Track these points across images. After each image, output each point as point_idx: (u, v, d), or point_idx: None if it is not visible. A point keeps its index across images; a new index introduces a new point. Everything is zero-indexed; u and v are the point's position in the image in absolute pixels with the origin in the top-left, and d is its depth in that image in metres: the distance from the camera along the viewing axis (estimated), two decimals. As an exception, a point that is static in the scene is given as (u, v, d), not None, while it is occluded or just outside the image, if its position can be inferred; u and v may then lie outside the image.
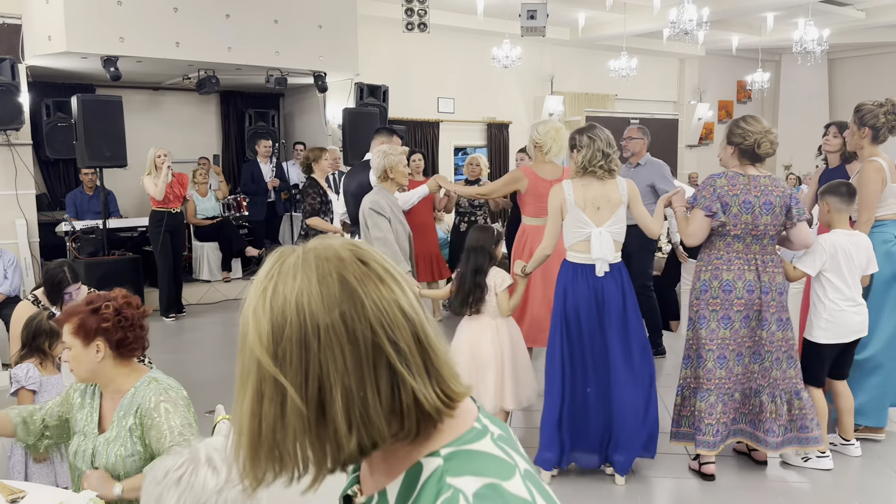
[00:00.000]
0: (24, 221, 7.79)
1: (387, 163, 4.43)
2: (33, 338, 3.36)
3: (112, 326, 2.32)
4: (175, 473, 1.43)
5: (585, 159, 3.62)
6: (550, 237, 3.73)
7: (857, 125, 4.21)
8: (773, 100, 16.41)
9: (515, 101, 12.90)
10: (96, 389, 2.45)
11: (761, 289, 3.59)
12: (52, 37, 7.24)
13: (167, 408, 2.28)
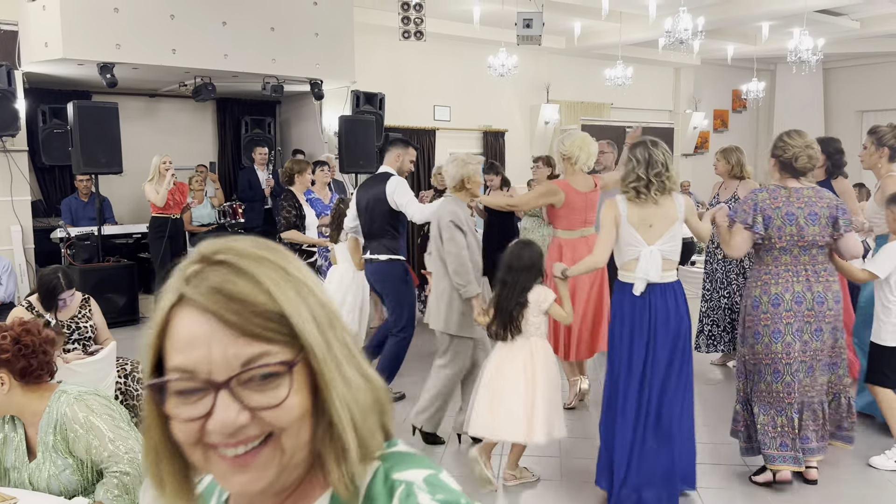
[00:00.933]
0: (19, 227, 7.77)
1: (465, 172, 4.22)
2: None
3: (12, 356, 2.29)
4: None
5: (621, 178, 3.61)
6: (605, 249, 3.59)
7: (876, 145, 4.49)
8: (767, 109, 16.47)
9: (511, 109, 12.93)
10: (16, 420, 2.42)
11: (814, 299, 3.62)
12: (49, 43, 7.24)
13: (84, 416, 2.27)
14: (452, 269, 4.09)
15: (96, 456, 2.21)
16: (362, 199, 5.13)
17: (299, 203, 6.02)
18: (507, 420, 3.60)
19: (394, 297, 5.05)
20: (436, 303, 4.25)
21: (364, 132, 9.31)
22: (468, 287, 4.08)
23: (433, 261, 4.31)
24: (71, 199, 8.41)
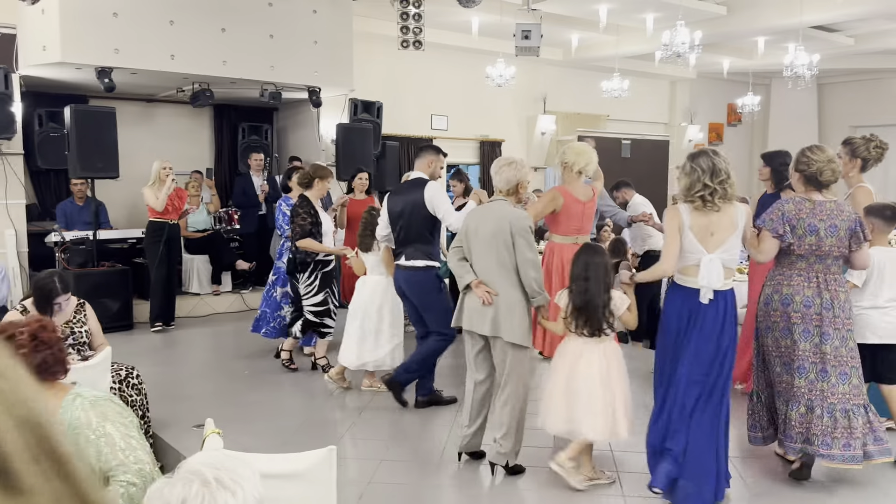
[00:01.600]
0: (13, 231, 7.73)
1: (521, 176, 4.12)
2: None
3: (30, 352, 2.28)
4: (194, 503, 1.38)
5: (685, 187, 3.64)
6: (673, 257, 3.63)
7: (849, 156, 4.64)
8: (762, 123, 16.57)
9: (508, 119, 12.97)
10: None
11: (822, 305, 3.79)
12: (47, 47, 7.23)
13: (97, 422, 2.25)
14: (533, 277, 3.87)
15: (105, 463, 2.19)
16: (396, 205, 5.03)
17: (315, 210, 5.82)
18: (587, 418, 3.67)
19: (431, 307, 4.96)
20: (506, 314, 3.87)
21: (361, 140, 9.32)
22: (544, 294, 3.94)
23: (489, 269, 3.95)
24: (66, 204, 8.37)
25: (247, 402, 5.48)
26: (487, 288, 3.91)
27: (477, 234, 4.00)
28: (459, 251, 4.10)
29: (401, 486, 3.98)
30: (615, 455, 4.33)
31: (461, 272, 4.02)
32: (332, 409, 5.31)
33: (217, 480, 1.41)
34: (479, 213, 4.14)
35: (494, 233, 3.93)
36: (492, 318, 3.90)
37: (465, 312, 4.05)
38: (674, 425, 3.59)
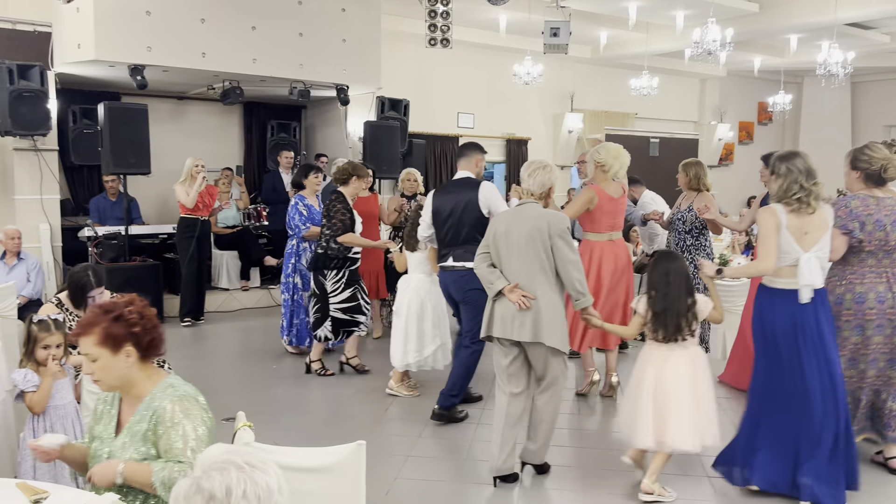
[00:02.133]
0: (47, 226, 7.89)
1: (553, 179, 4.05)
2: (25, 344, 3.42)
3: (142, 330, 2.34)
4: (239, 489, 1.38)
5: (782, 189, 3.66)
6: (771, 257, 3.63)
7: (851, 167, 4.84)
8: (794, 122, 16.33)
9: (535, 117, 12.93)
10: (115, 396, 2.45)
11: (893, 299, 3.91)
12: (82, 45, 7.36)
13: (181, 417, 2.27)
14: (576, 278, 3.77)
15: (172, 458, 2.22)
16: (446, 205, 4.88)
17: (350, 205, 5.77)
18: (678, 428, 3.59)
19: (475, 306, 4.71)
20: (548, 318, 3.75)
21: (388, 138, 9.35)
22: (587, 295, 3.82)
23: (523, 273, 3.80)
24: (99, 199, 8.52)
25: (275, 397, 5.54)
26: (523, 292, 3.75)
27: (508, 238, 3.85)
28: (487, 257, 3.93)
29: (428, 483, 4.00)
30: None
31: (492, 278, 3.85)
32: (359, 404, 5.34)
33: (248, 464, 1.43)
34: (508, 217, 3.99)
35: (530, 235, 3.79)
36: (532, 323, 3.75)
37: (496, 321, 3.86)
38: (813, 437, 3.59)
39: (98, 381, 2.34)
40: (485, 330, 3.95)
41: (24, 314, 5.83)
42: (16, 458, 3.73)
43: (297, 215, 6.32)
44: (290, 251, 6.52)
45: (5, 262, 6.48)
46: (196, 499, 1.39)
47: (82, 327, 2.31)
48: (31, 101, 7.27)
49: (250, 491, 1.40)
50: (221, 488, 1.39)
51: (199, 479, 1.41)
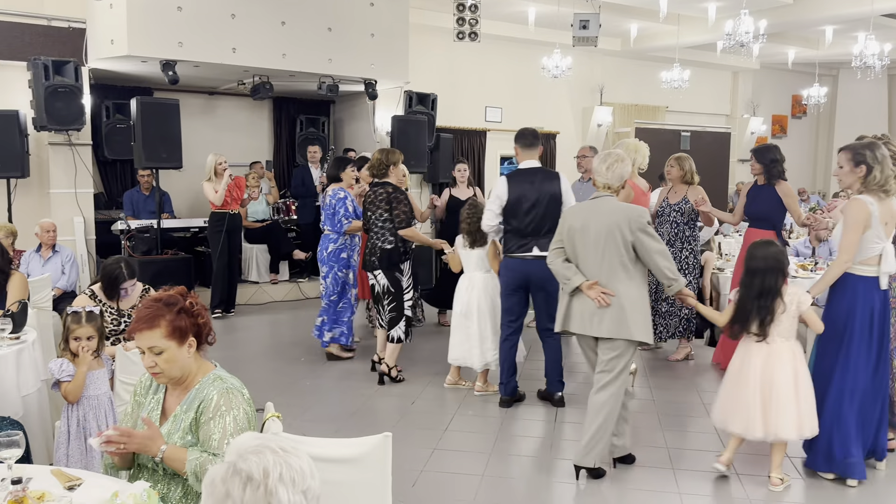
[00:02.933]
0: (81, 219, 8.03)
1: (630, 170, 4.06)
2: (62, 335, 3.50)
3: (204, 322, 2.41)
4: (276, 471, 1.40)
5: (883, 177, 3.74)
6: (853, 249, 3.73)
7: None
8: (829, 115, 16.04)
9: (564, 111, 12.86)
10: (160, 386, 2.49)
11: None
12: (115, 40, 7.47)
13: (224, 410, 2.30)
14: (665, 266, 3.74)
15: (208, 448, 2.25)
16: (529, 195, 4.82)
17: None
18: (787, 420, 3.67)
19: (556, 295, 4.69)
20: (631, 312, 3.72)
21: (416, 132, 9.36)
22: (680, 279, 3.80)
23: (602, 269, 3.78)
24: (132, 193, 8.66)
25: (303, 389, 5.59)
26: (602, 289, 3.74)
27: (585, 233, 3.80)
28: (562, 252, 3.91)
29: (454, 476, 4.01)
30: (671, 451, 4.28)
31: (569, 274, 3.82)
32: (386, 397, 5.37)
33: (281, 448, 1.45)
34: (582, 211, 3.91)
35: (609, 231, 3.74)
36: (612, 318, 3.73)
37: (574, 317, 3.86)
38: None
39: (159, 373, 2.35)
40: (560, 325, 3.96)
41: (58, 306, 5.96)
42: (51, 446, 3.81)
43: (342, 209, 6.12)
44: (344, 246, 6.20)
45: (41, 254, 6.60)
46: (234, 481, 1.40)
47: (148, 321, 2.32)
48: (65, 97, 7.40)
49: (286, 474, 1.41)
50: (259, 470, 1.40)
51: (235, 462, 1.42)
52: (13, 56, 7.74)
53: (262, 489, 1.39)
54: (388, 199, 5.50)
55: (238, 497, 1.39)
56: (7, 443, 2.23)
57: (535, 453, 4.33)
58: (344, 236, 6.19)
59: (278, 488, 1.40)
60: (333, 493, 2.26)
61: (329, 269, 6.20)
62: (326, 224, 6.24)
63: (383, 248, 5.51)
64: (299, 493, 1.42)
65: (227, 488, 1.40)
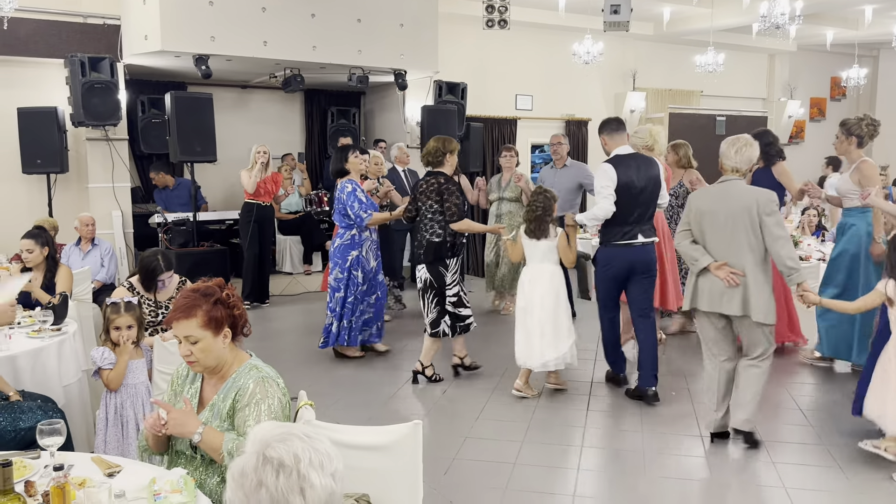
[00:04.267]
0: (119, 213, 8.19)
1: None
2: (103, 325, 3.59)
3: (240, 313, 2.47)
4: (306, 456, 1.42)
5: None
6: None
7: (846, 135, 5.21)
8: (869, 97, 15.62)
9: (595, 97, 12.72)
10: (197, 375, 2.54)
11: None
12: (149, 36, 7.58)
13: (259, 398, 2.34)
14: (787, 255, 3.85)
15: (243, 434, 2.29)
16: (637, 182, 4.78)
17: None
18: None
19: (654, 280, 5.03)
20: (755, 293, 3.87)
21: (446, 122, 9.34)
22: (800, 269, 3.89)
23: (730, 250, 3.90)
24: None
25: (335, 378, 5.64)
26: (732, 269, 3.90)
27: (714, 216, 3.97)
28: (689, 234, 4.07)
29: (486, 464, 4.02)
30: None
31: (697, 255, 4.00)
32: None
33: (305, 434, 1.47)
34: (710, 195, 4.06)
35: (738, 213, 3.90)
36: (741, 298, 3.90)
37: (702, 295, 4.01)
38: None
39: (195, 362, 2.41)
40: (689, 302, 4.11)
41: (98, 298, 6.09)
42: (92, 435, 3.92)
43: (356, 202, 5.71)
44: (352, 242, 5.85)
45: (80, 247, 6.75)
46: (266, 469, 1.42)
47: (184, 310, 2.38)
48: (101, 93, 7.53)
49: (315, 458, 1.44)
50: (290, 456, 1.42)
51: (263, 451, 1.44)
52: (51, 54, 7.90)
53: (296, 474, 1.41)
54: (438, 190, 5.22)
55: (272, 484, 1.41)
56: (49, 431, 2.30)
57: (568, 441, 4.32)
58: (353, 231, 5.83)
59: (310, 473, 1.42)
60: (365, 480, 2.29)
61: (333, 265, 5.95)
62: (336, 219, 5.97)
63: (431, 242, 5.25)
64: (328, 475, 1.45)
65: (259, 477, 1.42)
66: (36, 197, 7.96)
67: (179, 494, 2.06)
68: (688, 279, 4.16)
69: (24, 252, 4.90)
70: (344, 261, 5.85)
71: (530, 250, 5.05)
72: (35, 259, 4.89)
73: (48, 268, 4.93)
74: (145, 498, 2.09)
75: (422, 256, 5.30)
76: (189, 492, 2.08)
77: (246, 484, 1.43)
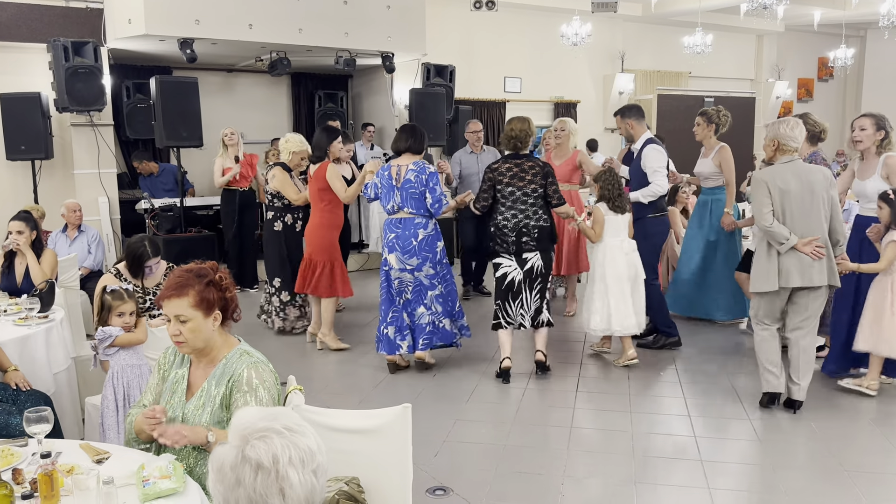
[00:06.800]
0: (106, 199, 8.13)
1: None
2: (98, 313, 3.55)
3: (231, 297, 2.46)
4: (285, 455, 1.40)
5: None
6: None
7: (706, 123, 6.08)
8: (856, 77, 15.68)
9: (584, 79, 12.70)
10: (185, 358, 2.53)
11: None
12: (133, 20, 7.48)
13: (257, 384, 2.34)
14: (841, 227, 4.29)
15: None
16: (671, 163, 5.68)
17: None
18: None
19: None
20: (831, 263, 4.21)
21: (434, 105, 9.31)
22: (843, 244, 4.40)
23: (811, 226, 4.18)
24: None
25: (324, 363, 5.65)
26: (817, 243, 4.15)
27: (792, 195, 4.18)
28: (771, 213, 4.19)
29: (476, 446, 4.04)
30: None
31: (784, 233, 4.15)
32: (408, 371, 5.41)
33: (287, 429, 1.45)
34: (785, 174, 4.21)
35: (813, 190, 4.18)
36: (823, 269, 4.18)
37: (792, 272, 4.17)
38: None
39: (183, 342, 2.39)
40: (777, 283, 4.21)
41: (86, 285, 6.06)
42: (80, 421, 3.91)
43: (437, 185, 5.15)
44: (436, 232, 5.21)
45: (67, 234, 6.70)
46: (244, 469, 1.41)
47: (176, 289, 2.37)
48: (85, 78, 7.44)
49: (295, 456, 1.42)
50: (268, 457, 1.40)
51: (243, 448, 1.42)
52: (33, 38, 7.80)
53: (274, 475, 1.39)
54: (542, 173, 5.03)
55: (250, 485, 1.40)
56: (36, 418, 2.29)
57: (558, 423, 4.35)
58: (433, 219, 5.22)
59: (289, 472, 1.40)
60: (355, 464, 2.30)
61: (423, 260, 5.12)
62: (408, 206, 5.13)
63: (541, 227, 5.03)
64: (309, 472, 1.43)
65: (237, 476, 1.41)
66: (21, 183, 7.88)
67: (168, 480, 2.06)
68: (763, 260, 4.26)
69: (15, 233, 4.85)
70: (434, 254, 5.17)
71: (612, 225, 5.32)
72: (24, 242, 4.85)
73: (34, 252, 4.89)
74: (134, 484, 2.08)
75: (531, 244, 5.03)
76: (178, 477, 2.08)
77: (225, 480, 1.43)
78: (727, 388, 4.88)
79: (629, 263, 5.28)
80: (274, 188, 6.31)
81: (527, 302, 5.08)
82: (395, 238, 5.13)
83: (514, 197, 5.03)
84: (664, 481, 3.61)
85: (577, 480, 3.61)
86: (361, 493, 2.22)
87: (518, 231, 5.01)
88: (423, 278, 5.16)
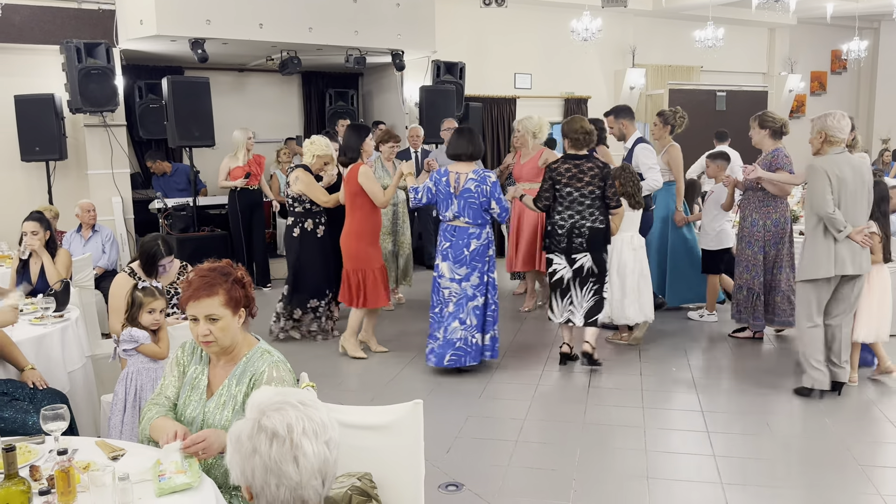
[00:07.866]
0: (119, 199, 8.19)
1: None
2: (127, 310, 3.53)
3: (251, 294, 2.48)
4: (299, 426, 1.47)
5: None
6: None
7: (663, 123, 6.38)
8: (870, 70, 15.51)
9: (595, 74, 12.64)
10: (203, 356, 2.53)
11: None
12: (144, 21, 7.53)
13: (276, 383, 2.36)
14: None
15: None
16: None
17: None
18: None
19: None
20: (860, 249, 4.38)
21: (444, 102, 9.30)
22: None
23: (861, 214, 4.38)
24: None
25: (338, 360, 5.67)
26: (866, 231, 4.37)
27: (848, 184, 4.32)
28: (832, 201, 4.29)
29: (488, 442, 4.05)
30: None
31: (844, 221, 4.29)
32: (419, 368, 5.42)
33: (300, 402, 1.52)
34: (840, 165, 4.33)
35: (864, 180, 4.38)
36: (867, 256, 4.42)
37: (846, 260, 4.33)
38: None
39: (212, 341, 2.38)
40: (830, 270, 4.34)
41: (100, 284, 6.11)
42: (97, 419, 3.95)
43: (500, 193, 5.10)
44: (488, 242, 5.16)
45: (81, 234, 6.76)
46: (260, 437, 1.47)
47: (207, 288, 2.36)
48: (98, 79, 7.50)
49: (308, 427, 1.49)
50: (283, 426, 1.47)
51: (259, 419, 1.49)
52: (46, 40, 7.86)
53: (289, 443, 1.46)
54: (602, 174, 5.05)
55: (265, 452, 1.46)
56: (53, 416, 2.32)
57: (570, 418, 4.35)
58: (486, 228, 5.15)
59: (303, 441, 1.47)
60: (367, 460, 2.31)
61: (472, 270, 5.09)
62: (465, 215, 5.06)
63: (596, 228, 5.07)
64: (322, 443, 1.49)
65: (253, 444, 1.47)
66: (35, 184, 7.95)
67: (184, 475, 2.08)
68: (820, 248, 4.35)
69: (30, 234, 4.87)
70: (483, 263, 5.13)
71: (627, 219, 5.46)
72: (38, 243, 4.89)
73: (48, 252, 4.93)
74: (149, 479, 2.11)
75: (584, 245, 5.06)
76: (193, 473, 2.10)
77: (241, 449, 1.49)
78: (738, 382, 4.86)
79: (637, 258, 5.52)
80: (298, 191, 5.95)
81: (577, 300, 5.18)
82: (449, 247, 5.11)
83: (571, 198, 5.06)
84: (677, 476, 3.61)
85: (590, 476, 3.61)
86: (374, 489, 2.24)
87: (570, 232, 5.07)
88: (469, 288, 5.10)
